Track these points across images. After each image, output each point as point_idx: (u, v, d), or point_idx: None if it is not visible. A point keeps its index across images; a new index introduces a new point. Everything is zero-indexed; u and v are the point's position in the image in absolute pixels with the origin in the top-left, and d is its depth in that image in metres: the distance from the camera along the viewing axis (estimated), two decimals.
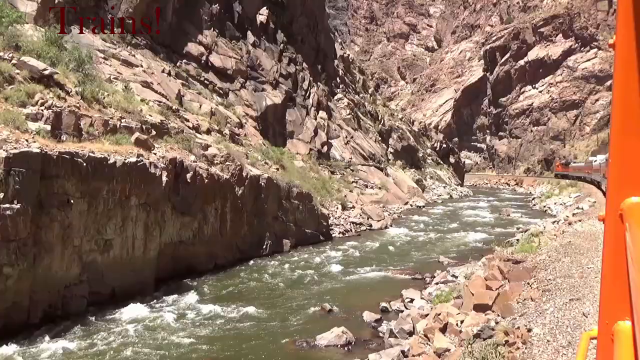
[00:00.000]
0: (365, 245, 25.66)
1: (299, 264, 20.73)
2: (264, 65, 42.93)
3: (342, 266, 20.47)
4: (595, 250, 11.15)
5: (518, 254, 14.58)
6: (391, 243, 26.75)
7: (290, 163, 35.39)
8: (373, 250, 24.37)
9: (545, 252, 12.40)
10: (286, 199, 24.68)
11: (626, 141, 1.19)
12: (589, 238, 13.48)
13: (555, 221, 28.64)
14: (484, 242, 27.56)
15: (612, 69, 1.24)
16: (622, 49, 1.16)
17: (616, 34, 1.18)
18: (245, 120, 38.60)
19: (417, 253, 23.93)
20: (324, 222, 26.90)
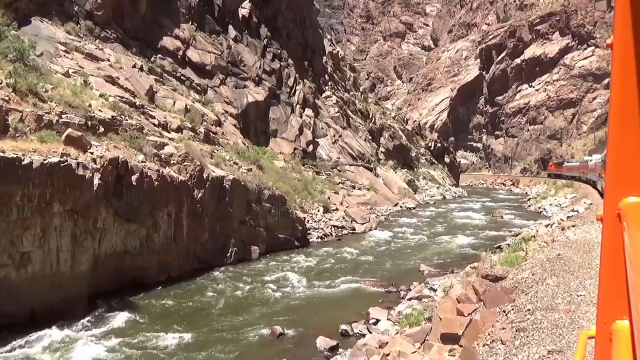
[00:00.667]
0: (343, 251, 23.59)
1: (263, 274, 18.67)
2: (246, 61, 40.87)
3: (310, 277, 18.43)
4: (588, 268, 9.13)
5: (500, 267, 12.54)
6: (371, 249, 24.69)
7: (270, 163, 33.35)
8: (350, 258, 22.30)
9: (530, 268, 10.36)
10: (256, 202, 22.63)
11: (624, 141, 1.18)
12: (582, 249, 11.45)
13: (549, 224, 26.61)
14: (471, 247, 25.50)
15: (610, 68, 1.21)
16: (619, 48, 1.15)
17: (614, 33, 1.17)
18: (225, 118, 36.55)
19: (398, 260, 21.88)
20: (299, 227, 24.84)
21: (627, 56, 1.13)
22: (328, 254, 23.14)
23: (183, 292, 16.43)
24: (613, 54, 1.18)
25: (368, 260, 21.63)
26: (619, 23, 1.14)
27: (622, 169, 1.20)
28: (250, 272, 19.27)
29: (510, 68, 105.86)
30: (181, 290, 16.59)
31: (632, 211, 1.14)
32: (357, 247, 24.86)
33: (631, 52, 1.12)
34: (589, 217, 20.38)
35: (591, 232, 14.59)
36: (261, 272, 19.30)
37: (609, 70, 1.25)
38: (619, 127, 1.19)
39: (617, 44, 1.16)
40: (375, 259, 21.95)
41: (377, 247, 25.35)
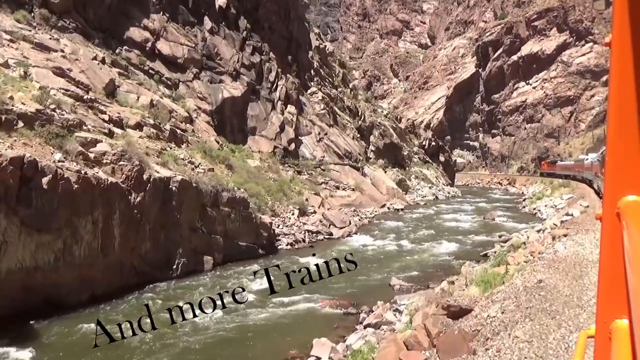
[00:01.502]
0: (312, 260, 21.01)
1: (210, 290, 16.09)
2: (222, 55, 38.29)
3: (262, 292, 15.87)
4: (577, 306, 6.54)
5: (469, 292, 9.98)
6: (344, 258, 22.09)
7: (242, 162, 30.80)
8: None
9: (502, 299, 7.79)
10: (212, 205, 20.06)
11: (623, 139, 1.17)
12: (571, 272, 8.88)
13: (541, 229, 24.05)
14: (455, 255, 22.94)
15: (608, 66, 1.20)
16: (618, 47, 1.15)
17: (612, 32, 1.16)
18: (197, 115, 33.97)
19: (370, 272, 19.29)
20: (265, 233, 22.26)
21: (625, 54, 1.12)
22: (293, 263, 20.58)
23: (105, 314, 13.88)
24: (612, 53, 1.16)
25: (334, 273, 19.05)
26: (617, 21, 1.13)
27: (621, 167, 1.18)
28: (196, 287, 16.71)
29: (507, 65, 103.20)
30: (104, 312, 14.03)
31: (632, 210, 1.13)
32: (329, 256, 22.29)
33: (630, 51, 1.10)
34: (583, 224, 17.80)
35: (585, 245, 12.01)
36: (208, 286, 16.74)
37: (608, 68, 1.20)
38: (618, 125, 1.18)
39: (616, 42, 1.14)
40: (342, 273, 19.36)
41: (354, 254, 22.75)
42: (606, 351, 1.17)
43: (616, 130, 1.19)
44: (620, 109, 1.16)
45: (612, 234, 1.21)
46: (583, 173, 44.31)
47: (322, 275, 18.05)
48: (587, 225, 17.42)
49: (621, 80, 1.15)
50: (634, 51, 1.11)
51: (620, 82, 1.15)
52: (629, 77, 1.13)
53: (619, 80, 1.15)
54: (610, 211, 1.21)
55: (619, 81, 1.15)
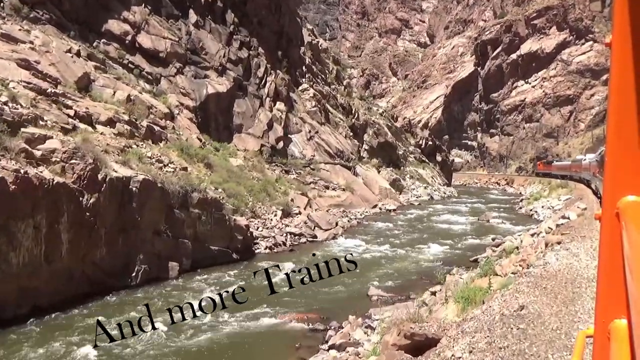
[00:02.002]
0: (288, 267, 19.49)
1: (169, 301, 14.57)
2: (207, 49, 36.75)
3: (227, 304, 14.34)
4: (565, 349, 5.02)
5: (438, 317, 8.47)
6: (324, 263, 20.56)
7: (224, 161, 29.28)
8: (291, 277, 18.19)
9: (473, 331, 6.26)
10: (180, 207, 18.54)
11: (622, 140, 1.17)
12: (561, 295, 7.34)
13: (535, 233, 22.53)
14: (444, 260, 21.43)
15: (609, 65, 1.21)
16: (618, 47, 1.15)
17: (613, 32, 1.16)
18: (179, 111, 32.46)
19: (348, 279, 17.76)
20: (239, 236, 20.73)
21: (626, 55, 1.12)
22: (270, 269, 19.05)
23: (48, 329, 12.37)
24: (612, 53, 1.17)
25: (310, 281, 17.51)
26: (617, 22, 1.12)
27: (620, 168, 1.18)
28: (155, 297, 15.19)
29: (506, 64, 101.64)
30: (47, 327, 12.52)
31: (631, 210, 1.13)
32: (302, 262, 20.77)
33: (630, 51, 1.10)
34: (580, 229, 16.26)
35: (580, 256, 10.47)
36: (168, 296, 15.22)
37: (608, 66, 1.20)
38: (617, 126, 1.17)
39: (616, 42, 1.14)
40: (321, 279, 17.83)
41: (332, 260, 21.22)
42: (605, 351, 1.17)
43: (616, 131, 1.18)
44: (620, 109, 1.15)
45: (611, 234, 1.20)
46: (581, 173, 43.34)
47: (292, 284, 16.52)
48: (583, 230, 15.88)
49: (621, 80, 1.13)
50: (634, 52, 1.10)
51: (621, 82, 1.14)
52: (629, 77, 1.11)
53: (619, 80, 1.14)
54: (609, 211, 1.20)
55: (619, 82, 1.14)
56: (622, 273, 1.12)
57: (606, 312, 1.20)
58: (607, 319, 1.18)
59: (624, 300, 1.11)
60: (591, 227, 16.78)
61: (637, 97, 1.11)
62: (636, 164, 1.15)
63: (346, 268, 18.75)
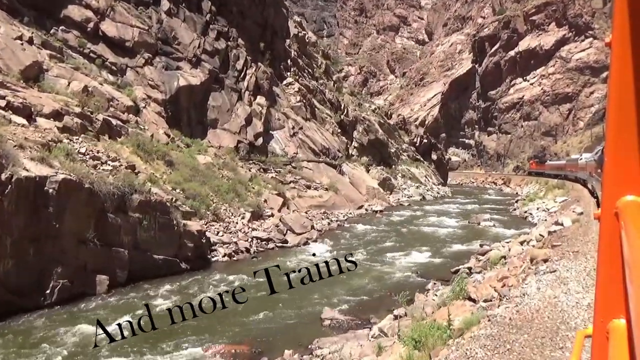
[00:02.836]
0: (240, 279, 16.98)
1: (73, 328, 12.05)
2: (181, 39, 34.19)
3: (146, 331, 11.83)
4: None
5: None
6: (284, 275, 18.06)
7: (189, 158, 26.76)
8: (239, 292, 15.67)
9: None
10: (116, 211, 16.04)
11: (622, 140, 1.16)
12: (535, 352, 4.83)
13: (524, 241, 20.02)
14: (422, 270, 18.94)
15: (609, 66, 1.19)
16: (618, 47, 1.14)
17: (613, 31, 1.15)
18: (146, 104, 29.93)
19: (306, 295, 15.23)
20: (190, 243, 18.22)
21: (626, 55, 1.10)
22: (218, 283, 16.57)
23: None
24: (612, 53, 1.15)
25: (259, 297, 15.00)
26: (617, 22, 1.12)
27: (620, 167, 1.17)
28: (69, 318, 12.71)
29: (504, 61, 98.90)
30: None
31: (630, 210, 1.12)
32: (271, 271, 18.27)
33: (630, 51, 1.09)
34: (573, 240, 13.73)
35: (569, 286, 7.92)
36: (84, 318, 12.71)
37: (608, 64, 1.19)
38: (617, 125, 1.16)
39: (616, 42, 1.13)
40: (275, 294, 15.32)
41: (298, 269, 18.72)
42: (603, 351, 1.16)
43: (615, 131, 1.17)
44: (620, 109, 1.15)
45: (610, 233, 1.20)
46: (577, 173, 42.05)
47: (238, 300, 14.02)
48: (577, 242, 13.36)
49: (621, 80, 1.13)
50: (634, 51, 1.09)
51: (620, 82, 1.13)
52: (629, 77, 1.10)
53: (619, 80, 1.13)
54: (608, 211, 1.20)
55: (619, 81, 1.13)
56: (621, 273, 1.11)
57: (605, 311, 1.19)
58: (606, 319, 1.17)
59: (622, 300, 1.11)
60: (586, 237, 14.25)
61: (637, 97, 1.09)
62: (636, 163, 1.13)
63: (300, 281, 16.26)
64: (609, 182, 1.20)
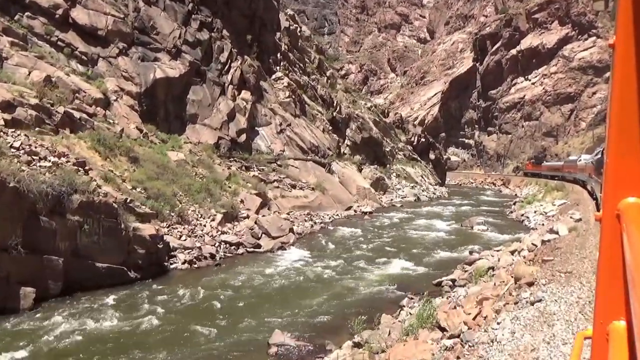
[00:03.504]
0: (191, 292, 15.00)
1: None
2: (160, 28, 32.20)
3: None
4: None
5: None
6: (248, 286, 16.07)
7: (159, 155, 24.78)
8: (185, 307, 13.69)
9: None
10: (51, 213, 14.07)
11: (624, 142, 1.16)
12: None
13: (516, 250, 18.01)
14: (401, 282, 16.93)
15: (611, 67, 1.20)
16: (622, 49, 1.13)
17: (616, 33, 1.15)
18: (118, 97, 27.96)
19: (261, 312, 13.24)
20: (141, 249, 16.24)
21: (629, 57, 1.10)
22: (168, 294, 14.60)
23: None
24: (615, 54, 1.15)
25: (209, 312, 13.01)
26: (621, 23, 1.11)
27: (621, 169, 1.16)
28: None
29: (506, 59, 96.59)
30: None
31: (631, 212, 1.12)
32: (229, 283, 16.31)
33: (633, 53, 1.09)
34: (568, 256, 11.70)
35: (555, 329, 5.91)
36: None
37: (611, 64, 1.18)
38: (618, 127, 1.15)
39: (620, 44, 1.13)
40: (227, 310, 13.33)
41: (260, 281, 16.73)
42: (603, 352, 1.16)
43: (617, 133, 1.16)
44: (622, 111, 1.14)
45: (611, 235, 1.19)
46: (575, 174, 41.10)
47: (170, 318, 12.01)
48: (571, 259, 11.32)
49: (624, 82, 1.12)
50: (637, 54, 1.08)
51: (623, 84, 1.12)
52: (632, 79, 1.10)
53: (622, 82, 1.13)
54: (610, 213, 1.19)
55: (621, 83, 1.13)
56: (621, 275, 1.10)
57: (605, 313, 1.18)
58: (606, 321, 1.16)
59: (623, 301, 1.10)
60: (583, 251, 12.22)
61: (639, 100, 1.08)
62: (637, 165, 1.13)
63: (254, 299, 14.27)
64: (610, 184, 1.18)
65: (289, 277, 16.95)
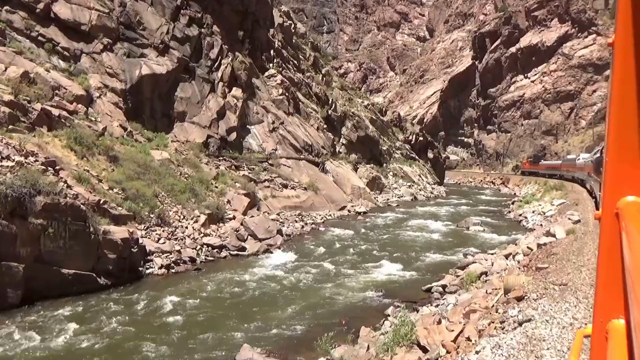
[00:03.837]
0: (163, 301, 14.00)
1: None
2: (146, 24, 31.19)
3: None
4: None
5: None
6: (219, 294, 15.07)
7: (141, 154, 23.78)
8: (151, 318, 12.69)
9: None
10: (11, 216, 13.08)
11: (623, 141, 1.16)
12: None
13: (510, 254, 17.01)
14: (388, 288, 15.92)
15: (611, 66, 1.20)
16: (621, 48, 1.14)
17: (615, 32, 1.15)
18: (101, 94, 26.96)
19: (234, 322, 12.24)
20: (112, 254, 15.23)
21: (628, 55, 1.10)
22: (140, 303, 13.61)
23: None
24: (614, 53, 1.15)
25: (177, 324, 12.01)
26: (621, 22, 1.11)
27: (620, 168, 1.17)
28: None
29: (505, 57, 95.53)
30: None
31: (630, 210, 1.12)
32: (205, 290, 15.31)
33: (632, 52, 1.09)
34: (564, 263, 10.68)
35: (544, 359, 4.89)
36: None
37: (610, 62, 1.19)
38: (618, 126, 1.15)
39: (619, 43, 1.13)
40: (196, 321, 12.33)
41: (238, 288, 15.72)
42: (602, 351, 1.16)
43: (617, 132, 1.16)
44: (622, 110, 1.14)
45: (610, 234, 1.19)
46: (574, 173, 40.89)
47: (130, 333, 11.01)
48: (567, 267, 10.30)
49: (623, 81, 1.12)
50: (636, 53, 1.08)
51: (623, 82, 1.12)
52: (631, 78, 1.10)
53: (621, 80, 1.12)
54: (609, 211, 1.19)
55: (621, 82, 1.13)
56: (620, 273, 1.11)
57: (604, 312, 1.18)
58: (605, 319, 1.17)
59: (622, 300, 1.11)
60: (580, 258, 11.20)
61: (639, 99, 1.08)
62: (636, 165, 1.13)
63: None
64: (610, 183, 1.18)
65: (269, 283, 15.93)
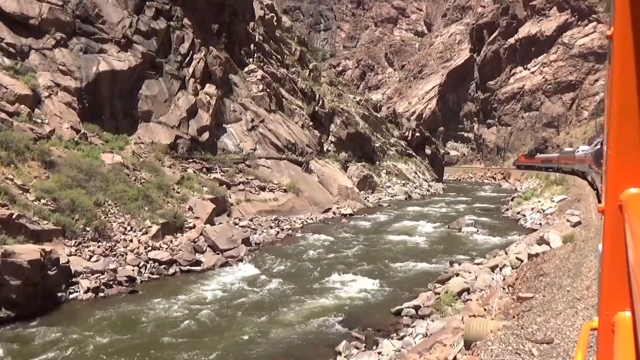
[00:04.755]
0: (77, 336, 11.36)
1: None
2: (107, 17, 28.56)
3: None
4: None
5: None
6: (147, 324, 12.40)
7: (88, 158, 21.13)
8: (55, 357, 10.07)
9: None
10: None
11: (625, 132, 1.14)
12: None
13: (497, 266, 14.25)
14: (347, 317, 13.12)
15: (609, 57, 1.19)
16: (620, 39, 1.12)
17: (614, 24, 1.14)
18: (51, 93, 24.35)
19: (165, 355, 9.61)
20: (15, 280, 12.55)
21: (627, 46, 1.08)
22: (32, 344, 10.97)
23: None
24: (614, 44, 1.13)
25: None
26: (619, 14, 1.10)
27: (623, 160, 1.15)
28: None
29: (503, 49, 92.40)
30: None
31: (634, 202, 1.11)
32: (133, 319, 12.66)
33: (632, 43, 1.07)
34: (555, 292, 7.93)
35: None
36: None
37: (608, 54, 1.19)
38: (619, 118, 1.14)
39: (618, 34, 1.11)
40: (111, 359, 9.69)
41: (174, 315, 13.05)
42: (609, 343, 1.15)
43: (618, 123, 1.14)
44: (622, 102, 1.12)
45: (614, 226, 1.18)
46: (574, 165, 39.54)
47: None
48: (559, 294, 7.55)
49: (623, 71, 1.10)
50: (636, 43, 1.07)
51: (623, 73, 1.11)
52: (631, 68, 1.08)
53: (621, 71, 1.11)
54: (612, 204, 1.18)
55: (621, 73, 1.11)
56: (625, 265, 1.09)
57: (610, 304, 1.17)
58: (611, 312, 1.16)
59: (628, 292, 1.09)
60: (577, 282, 8.41)
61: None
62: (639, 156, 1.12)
63: None
64: (613, 175, 1.17)
65: (207, 309, 13.22)
